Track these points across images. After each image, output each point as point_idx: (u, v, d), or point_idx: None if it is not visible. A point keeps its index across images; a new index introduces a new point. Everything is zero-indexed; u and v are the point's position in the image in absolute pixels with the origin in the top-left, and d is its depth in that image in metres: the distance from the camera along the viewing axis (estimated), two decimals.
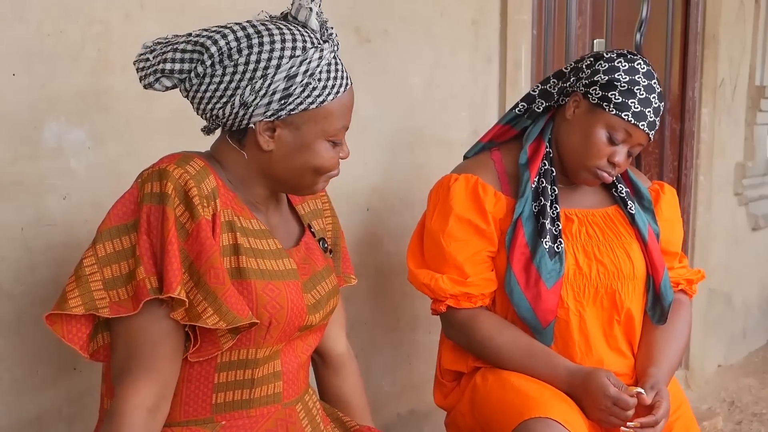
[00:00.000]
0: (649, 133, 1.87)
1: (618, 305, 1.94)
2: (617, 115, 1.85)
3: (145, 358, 1.34)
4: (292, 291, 1.46)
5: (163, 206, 1.34)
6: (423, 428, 2.69)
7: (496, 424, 1.83)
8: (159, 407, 1.35)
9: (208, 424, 1.44)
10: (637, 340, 2.00)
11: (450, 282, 1.91)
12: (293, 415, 1.52)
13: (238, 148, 1.45)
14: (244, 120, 1.41)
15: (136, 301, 1.33)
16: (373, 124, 2.41)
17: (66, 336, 1.36)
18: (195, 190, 1.35)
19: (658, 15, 3.57)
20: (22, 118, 1.69)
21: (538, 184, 1.93)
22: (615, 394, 1.77)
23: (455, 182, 1.95)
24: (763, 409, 3.74)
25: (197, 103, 1.43)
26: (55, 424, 1.79)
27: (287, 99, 1.39)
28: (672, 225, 2.10)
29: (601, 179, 1.92)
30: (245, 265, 1.40)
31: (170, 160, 1.39)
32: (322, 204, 1.69)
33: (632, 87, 1.85)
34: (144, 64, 1.43)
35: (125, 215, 1.37)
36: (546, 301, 1.86)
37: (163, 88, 1.43)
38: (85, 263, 1.35)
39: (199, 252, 1.35)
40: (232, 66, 1.38)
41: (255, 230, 1.45)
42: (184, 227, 1.35)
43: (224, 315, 1.34)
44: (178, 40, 1.42)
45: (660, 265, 1.98)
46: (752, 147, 4.27)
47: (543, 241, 1.87)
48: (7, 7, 1.65)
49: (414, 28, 2.53)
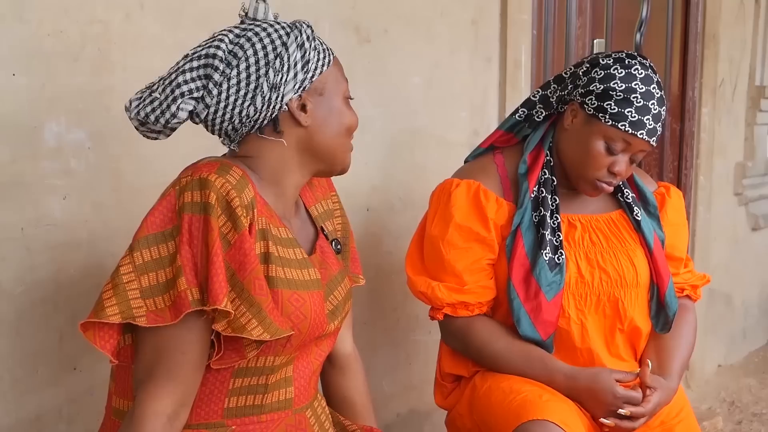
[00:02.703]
0: (649, 140, 1.84)
1: (621, 313, 1.92)
2: (614, 125, 1.81)
3: (172, 365, 1.34)
4: (316, 302, 1.46)
5: (207, 216, 1.33)
6: (423, 428, 2.69)
7: (495, 426, 1.82)
8: (178, 414, 1.35)
9: (218, 428, 1.43)
10: (641, 349, 1.98)
11: (447, 290, 1.90)
12: (303, 421, 1.52)
13: (275, 138, 1.45)
14: (277, 103, 1.42)
15: (176, 311, 1.32)
16: (373, 124, 2.41)
17: (98, 343, 1.35)
18: (237, 201, 1.35)
19: (658, 15, 3.57)
20: (22, 118, 1.68)
21: (537, 193, 1.91)
22: (625, 395, 1.77)
23: (456, 188, 1.93)
24: (763, 409, 3.74)
25: (222, 114, 1.42)
26: (55, 424, 1.79)
27: (307, 65, 1.44)
28: (677, 229, 2.08)
29: (600, 190, 1.90)
30: (274, 274, 1.40)
31: (209, 169, 1.37)
32: (332, 204, 1.69)
33: (629, 95, 1.81)
34: (153, 106, 1.40)
35: (163, 223, 1.36)
36: (546, 313, 1.85)
37: (185, 114, 1.41)
38: (123, 270, 1.34)
39: (242, 263, 1.34)
40: (243, 61, 1.40)
41: (283, 239, 1.45)
42: (226, 238, 1.34)
43: (268, 327, 1.34)
44: (178, 65, 1.41)
45: (665, 274, 1.96)
46: (752, 147, 4.27)
47: (543, 252, 1.86)
48: (7, 7, 1.65)
49: (414, 28, 2.53)
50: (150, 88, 1.43)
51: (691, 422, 1.99)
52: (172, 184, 1.39)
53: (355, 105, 1.53)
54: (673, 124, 3.71)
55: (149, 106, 1.41)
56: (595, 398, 1.80)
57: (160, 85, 1.41)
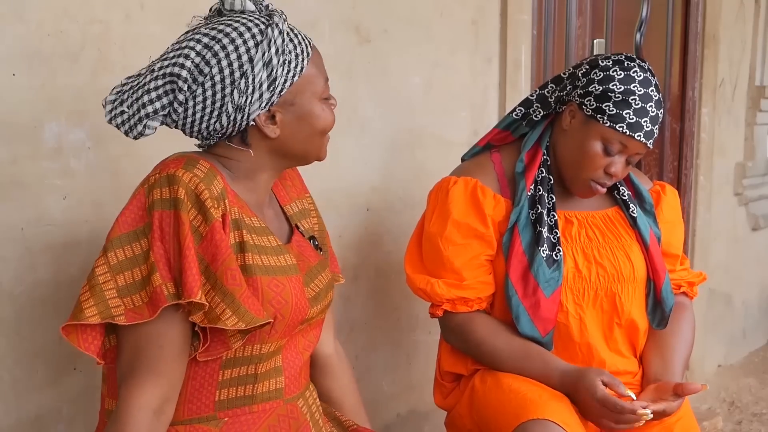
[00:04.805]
0: (647, 142, 1.85)
1: (618, 308, 1.93)
2: (612, 127, 1.82)
3: (153, 360, 1.35)
4: (295, 285, 1.47)
5: (177, 211, 1.34)
6: (423, 428, 2.69)
7: (495, 427, 1.82)
8: (164, 409, 1.36)
9: (211, 421, 1.44)
10: (641, 342, 1.99)
11: (446, 286, 1.91)
12: (296, 410, 1.52)
13: (244, 149, 1.45)
14: (243, 121, 1.42)
15: (153, 307, 1.33)
16: (373, 124, 2.41)
17: (82, 345, 1.36)
18: (206, 193, 1.36)
19: (658, 15, 3.57)
20: (22, 118, 1.69)
21: (534, 191, 1.92)
22: (602, 397, 1.75)
23: (454, 185, 1.94)
24: (763, 409, 3.74)
25: (190, 128, 1.43)
26: (55, 424, 1.79)
27: (274, 83, 1.41)
28: (673, 227, 2.09)
29: (594, 192, 1.91)
30: (251, 262, 1.41)
31: (176, 165, 1.38)
32: (308, 204, 1.70)
33: (627, 97, 1.82)
34: (122, 118, 1.41)
35: (134, 222, 1.37)
36: (544, 309, 1.86)
37: (152, 131, 1.42)
38: (98, 272, 1.35)
39: (214, 254, 1.35)
40: (209, 79, 1.38)
41: (257, 227, 1.46)
42: (198, 231, 1.35)
43: (243, 316, 1.35)
44: (143, 81, 1.41)
45: (661, 270, 1.97)
46: (752, 147, 4.27)
47: (540, 249, 1.87)
48: (7, 7, 1.65)
49: (414, 28, 2.53)
50: (122, 93, 1.42)
51: (691, 422, 1.99)
52: (141, 183, 1.40)
53: (355, 105, 1.53)
54: (673, 124, 3.71)
55: (119, 117, 1.41)
56: (580, 397, 1.80)
57: (129, 96, 1.41)
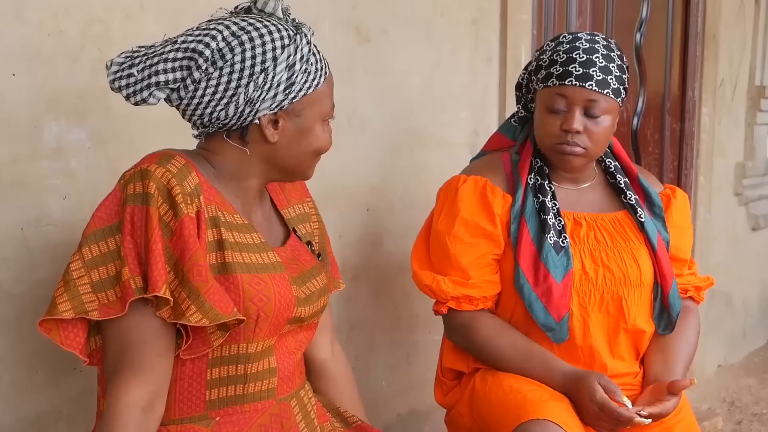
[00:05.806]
0: (584, 84, 1.84)
1: (625, 312, 1.92)
2: (546, 87, 1.88)
3: (136, 356, 1.35)
4: (279, 283, 1.46)
5: (147, 206, 1.35)
6: (423, 428, 2.69)
7: (495, 426, 1.82)
8: (153, 406, 1.36)
9: (202, 420, 1.44)
10: (645, 346, 1.98)
11: (452, 284, 1.91)
12: (288, 410, 1.53)
13: (240, 146, 1.45)
14: (249, 116, 1.42)
15: (124, 301, 1.33)
16: (373, 124, 2.41)
17: (64, 342, 1.36)
18: (178, 188, 1.36)
19: (658, 15, 3.57)
20: (22, 118, 1.69)
21: (534, 180, 1.94)
22: (600, 400, 1.75)
23: (464, 183, 1.95)
24: (763, 409, 3.74)
25: (193, 109, 1.42)
26: (55, 424, 1.79)
27: (291, 88, 1.41)
28: (682, 231, 2.08)
29: (563, 153, 1.89)
30: (230, 260, 1.41)
31: (151, 160, 1.39)
32: (308, 209, 1.70)
33: (554, 56, 1.88)
34: (128, 81, 1.39)
35: (109, 217, 1.38)
36: (556, 295, 1.85)
37: (156, 101, 1.41)
38: (72, 267, 1.36)
39: (183, 250, 1.35)
40: (228, 66, 1.38)
41: (238, 225, 1.46)
42: (168, 226, 1.36)
43: (207, 312, 1.34)
44: (164, 49, 1.40)
45: (669, 275, 1.96)
46: (752, 147, 4.27)
47: (547, 236, 1.87)
48: (7, 7, 1.65)
49: (414, 28, 2.53)
50: (132, 58, 1.41)
51: (691, 422, 1.99)
52: (119, 179, 1.41)
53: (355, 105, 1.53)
54: (673, 124, 3.71)
55: (125, 80, 1.40)
56: (579, 399, 1.80)
57: (142, 61, 1.40)
